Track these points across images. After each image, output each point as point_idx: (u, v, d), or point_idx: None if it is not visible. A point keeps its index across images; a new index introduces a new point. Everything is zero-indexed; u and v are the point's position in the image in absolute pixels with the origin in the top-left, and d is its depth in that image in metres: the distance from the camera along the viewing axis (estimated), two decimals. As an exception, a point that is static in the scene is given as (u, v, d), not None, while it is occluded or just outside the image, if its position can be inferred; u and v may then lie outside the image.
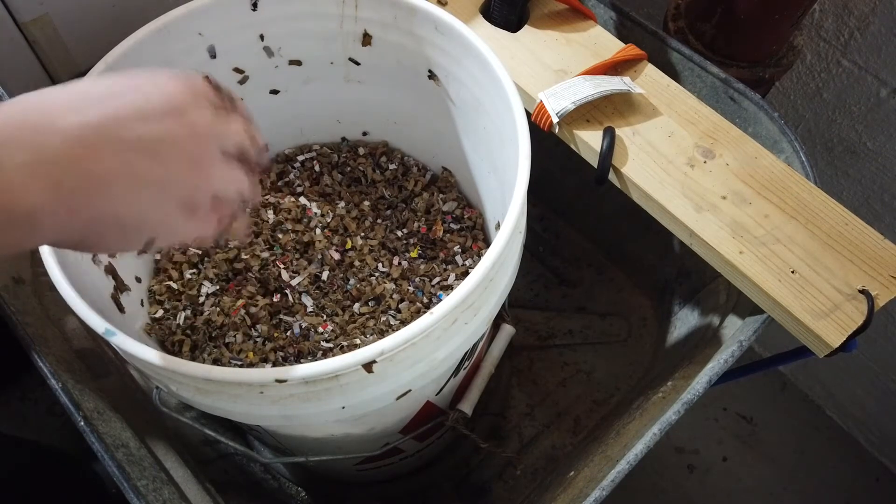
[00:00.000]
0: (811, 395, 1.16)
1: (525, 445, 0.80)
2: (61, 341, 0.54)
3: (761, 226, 0.51)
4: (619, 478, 0.47)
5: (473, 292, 0.39)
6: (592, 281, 0.90)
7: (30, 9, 0.50)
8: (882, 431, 1.09)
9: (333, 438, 0.55)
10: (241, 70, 0.56)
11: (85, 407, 0.48)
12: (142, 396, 0.63)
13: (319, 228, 0.61)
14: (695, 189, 0.53)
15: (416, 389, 0.45)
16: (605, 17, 0.65)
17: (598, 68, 0.57)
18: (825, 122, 0.84)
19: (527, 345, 0.86)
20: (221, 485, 0.70)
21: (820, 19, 0.75)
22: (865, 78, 0.76)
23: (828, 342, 0.47)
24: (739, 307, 0.58)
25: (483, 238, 0.62)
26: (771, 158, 0.54)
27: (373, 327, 0.55)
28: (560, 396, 0.84)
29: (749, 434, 1.13)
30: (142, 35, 0.48)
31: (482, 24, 0.62)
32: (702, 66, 0.60)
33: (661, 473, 1.09)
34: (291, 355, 0.53)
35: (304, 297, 0.57)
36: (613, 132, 0.54)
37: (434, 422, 0.60)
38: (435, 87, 0.56)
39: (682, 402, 0.49)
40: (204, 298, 0.56)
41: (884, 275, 0.49)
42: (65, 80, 0.56)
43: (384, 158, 0.66)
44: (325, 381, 0.39)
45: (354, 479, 0.78)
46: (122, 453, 0.47)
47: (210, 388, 0.40)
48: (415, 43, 0.53)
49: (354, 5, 0.53)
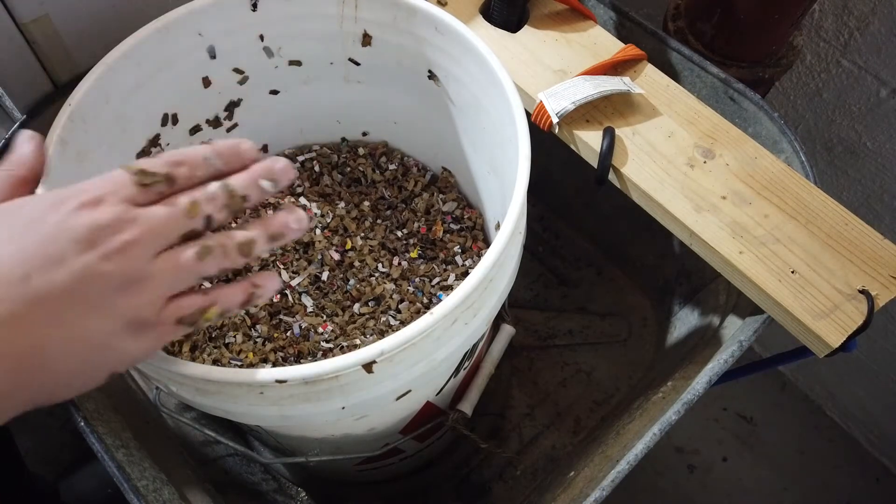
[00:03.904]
0: (811, 395, 1.16)
1: (525, 445, 0.80)
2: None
3: (761, 226, 0.51)
4: (619, 478, 0.47)
5: (473, 293, 0.39)
6: (592, 281, 0.90)
7: (30, 9, 0.50)
8: (882, 431, 1.09)
9: (333, 439, 0.55)
10: (241, 70, 0.56)
11: (85, 407, 0.48)
12: (142, 396, 0.63)
13: (319, 229, 0.61)
14: (695, 189, 0.53)
15: (416, 389, 0.45)
16: (605, 17, 0.65)
17: (597, 68, 0.57)
18: (825, 122, 0.84)
19: (527, 345, 0.86)
20: (221, 485, 0.70)
21: (820, 19, 0.75)
22: (865, 78, 0.76)
23: (828, 342, 0.47)
24: (739, 307, 0.58)
25: (483, 238, 0.62)
26: (771, 158, 0.54)
27: (373, 328, 0.55)
28: (560, 396, 0.84)
29: (749, 434, 1.13)
30: (142, 35, 0.48)
31: (482, 25, 0.62)
32: (701, 66, 0.60)
33: (661, 473, 1.09)
34: (291, 356, 0.53)
35: (304, 297, 0.57)
36: (613, 132, 0.54)
37: (434, 422, 0.60)
38: (435, 88, 0.56)
39: (682, 402, 0.49)
40: (204, 299, 0.56)
41: (884, 275, 0.49)
42: (65, 80, 0.56)
43: (384, 159, 0.66)
44: (325, 381, 0.39)
45: (354, 479, 0.78)
46: (122, 453, 0.47)
47: (210, 389, 0.40)
48: (415, 43, 0.53)
49: (354, 5, 0.53)
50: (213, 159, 0.34)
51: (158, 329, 0.32)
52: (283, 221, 0.36)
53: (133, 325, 0.31)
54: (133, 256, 0.30)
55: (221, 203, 0.33)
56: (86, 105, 0.45)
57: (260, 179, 0.35)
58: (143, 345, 0.32)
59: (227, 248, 0.34)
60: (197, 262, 0.32)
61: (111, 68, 0.47)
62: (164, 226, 0.32)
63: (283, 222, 0.36)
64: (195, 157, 0.34)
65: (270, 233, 0.35)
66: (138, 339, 0.32)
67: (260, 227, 0.35)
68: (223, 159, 0.34)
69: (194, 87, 0.54)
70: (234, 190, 0.34)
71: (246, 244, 0.34)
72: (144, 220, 0.31)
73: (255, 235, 0.35)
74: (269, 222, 0.35)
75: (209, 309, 0.34)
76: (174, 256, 0.32)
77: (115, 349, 0.31)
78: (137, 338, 0.32)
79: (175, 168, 0.33)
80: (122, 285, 0.30)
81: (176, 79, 0.52)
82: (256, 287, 0.36)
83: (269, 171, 0.35)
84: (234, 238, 0.34)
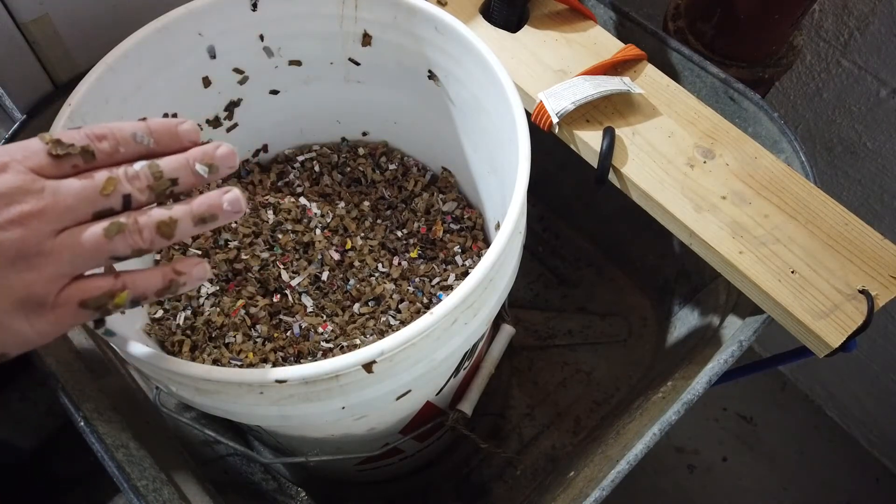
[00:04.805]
0: (811, 395, 1.16)
1: (525, 445, 0.80)
2: (61, 341, 0.54)
3: (761, 226, 0.51)
4: (619, 478, 0.47)
5: (473, 292, 0.39)
6: (592, 281, 0.90)
7: (30, 9, 0.50)
8: (882, 431, 1.09)
9: (333, 438, 0.55)
10: (241, 70, 0.56)
11: (85, 407, 0.48)
12: (142, 396, 0.63)
13: (319, 229, 0.61)
14: (695, 189, 0.53)
15: (416, 389, 0.45)
16: (605, 17, 0.65)
17: (597, 68, 0.57)
18: (825, 123, 0.84)
19: (527, 345, 0.86)
20: (221, 485, 0.70)
21: (820, 19, 0.75)
22: (865, 78, 0.76)
23: (828, 342, 0.47)
24: (739, 307, 0.58)
25: (483, 238, 0.62)
26: (771, 158, 0.54)
27: (373, 327, 0.55)
28: (560, 396, 0.84)
29: (749, 434, 1.13)
30: (142, 35, 0.48)
31: (482, 25, 0.62)
32: (701, 67, 0.60)
33: (661, 473, 1.09)
34: (291, 356, 0.53)
35: (304, 297, 0.57)
36: (613, 132, 0.54)
37: (434, 422, 0.60)
38: (435, 88, 0.56)
39: (682, 402, 0.49)
40: (204, 299, 0.56)
41: (884, 275, 0.49)
42: (65, 80, 0.56)
43: (384, 159, 0.66)
44: (325, 381, 0.39)
45: (354, 479, 0.78)
46: (122, 453, 0.47)
47: (210, 389, 0.40)
48: (415, 43, 0.53)
49: (354, 5, 0.53)
50: (143, 137, 0.31)
51: (58, 311, 0.30)
52: (212, 201, 0.32)
53: (27, 303, 0.29)
54: (32, 229, 0.28)
55: (144, 184, 0.31)
56: (86, 105, 0.45)
57: (195, 163, 0.32)
58: (39, 327, 0.30)
59: (143, 227, 0.30)
60: (104, 240, 0.30)
61: (111, 68, 0.47)
62: (73, 200, 0.29)
63: (213, 202, 0.32)
64: (122, 132, 0.31)
65: (197, 213, 0.32)
66: (33, 321, 0.29)
67: (185, 206, 0.32)
68: (156, 138, 0.32)
69: (194, 87, 0.54)
70: (160, 171, 0.31)
71: (165, 224, 0.31)
72: (51, 192, 0.29)
73: (179, 215, 0.31)
74: (197, 201, 0.32)
75: (118, 294, 0.31)
76: (78, 233, 0.29)
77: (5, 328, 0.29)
78: (32, 319, 0.29)
79: (96, 142, 0.30)
80: (16, 259, 0.28)
81: (176, 79, 0.52)
82: (178, 274, 0.33)
83: (206, 155, 0.32)
84: (151, 217, 0.31)
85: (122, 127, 0.31)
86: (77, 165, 0.30)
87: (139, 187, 0.31)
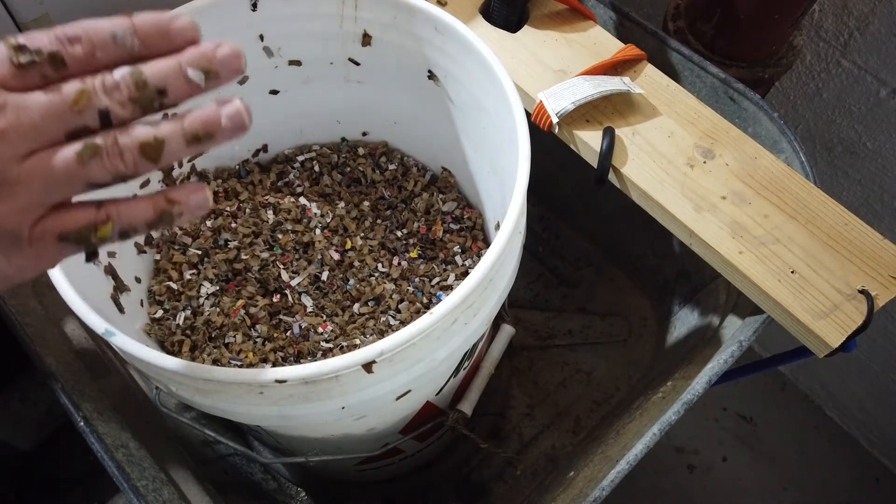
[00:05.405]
0: (811, 395, 1.16)
1: (525, 445, 0.80)
2: (61, 341, 0.54)
3: (761, 226, 0.51)
4: (619, 478, 0.47)
5: (473, 292, 0.39)
6: (592, 281, 0.90)
7: (30, 9, 0.50)
8: (882, 431, 1.09)
9: (333, 438, 0.55)
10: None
11: (85, 407, 0.48)
12: (142, 396, 0.63)
13: (319, 229, 0.61)
14: (694, 189, 0.53)
15: (416, 389, 0.45)
16: (605, 17, 0.65)
17: (597, 68, 0.57)
18: (825, 123, 0.84)
19: (527, 345, 0.86)
20: (221, 485, 0.70)
21: (820, 19, 0.75)
22: (865, 78, 0.76)
23: (828, 342, 0.47)
24: (739, 307, 0.58)
25: (483, 238, 0.62)
26: (771, 158, 0.54)
27: (372, 327, 0.55)
28: (560, 396, 0.84)
29: (749, 434, 1.13)
30: (142, 35, 0.48)
31: (482, 25, 0.62)
32: (701, 67, 0.60)
33: (661, 473, 1.09)
34: (291, 356, 0.53)
35: (304, 297, 0.57)
36: (613, 132, 0.54)
37: (434, 422, 0.60)
38: (435, 88, 0.56)
39: (682, 402, 0.49)
40: (204, 299, 0.56)
41: (884, 275, 0.49)
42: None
43: (384, 159, 0.66)
44: (324, 381, 0.39)
45: (354, 479, 0.78)
46: (122, 453, 0.47)
47: (210, 389, 0.40)
48: (414, 43, 0.53)
49: (354, 5, 0.53)
50: (125, 38, 0.26)
51: (36, 245, 0.26)
52: (208, 116, 0.27)
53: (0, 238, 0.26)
54: None
55: (126, 95, 0.25)
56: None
57: (188, 67, 0.26)
58: (18, 263, 0.26)
59: (124, 148, 0.26)
60: (77, 164, 0.25)
61: (111, 68, 0.47)
62: (39, 118, 0.25)
63: (209, 117, 0.27)
64: (100, 32, 0.26)
65: (189, 131, 0.26)
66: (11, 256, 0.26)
67: (175, 123, 0.26)
68: (142, 38, 0.26)
69: (194, 87, 0.54)
70: (145, 79, 0.25)
71: (150, 145, 0.26)
72: (14, 108, 0.24)
73: (167, 133, 0.26)
74: (190, 117, 0.26)
75: (102, 226, 0.27)
76: (48, 156, 0.25)
77: None
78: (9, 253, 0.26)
79: (68, 46, 0.25)
80: None
81: (176, 79, 0.52)
82: (172, 203, 0.28)
83: (203, 57, 0.26)
84: (134, 136, 0.26)
85: (99, 26, 0.26)
86: (46, 75, 0.25)
87: (119, 100, 0.25)
